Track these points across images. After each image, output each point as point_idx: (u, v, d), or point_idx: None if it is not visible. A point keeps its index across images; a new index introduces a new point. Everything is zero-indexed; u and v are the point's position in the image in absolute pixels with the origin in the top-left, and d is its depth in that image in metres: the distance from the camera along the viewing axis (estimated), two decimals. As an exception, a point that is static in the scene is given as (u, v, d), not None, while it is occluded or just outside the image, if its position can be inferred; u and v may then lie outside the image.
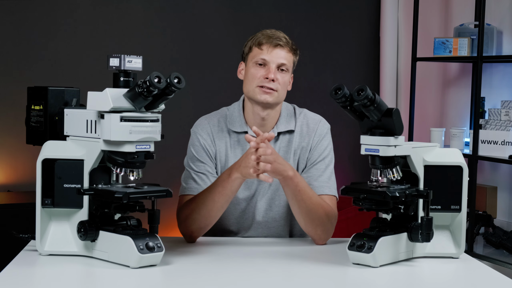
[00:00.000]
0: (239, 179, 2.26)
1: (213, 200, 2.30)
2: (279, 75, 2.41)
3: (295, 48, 2.47)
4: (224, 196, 2.29)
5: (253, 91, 2.42)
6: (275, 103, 2.44)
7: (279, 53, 2.41)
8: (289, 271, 2.07)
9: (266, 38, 2.42)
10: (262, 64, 2.42)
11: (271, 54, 2.41)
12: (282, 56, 2.42)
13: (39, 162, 2.09)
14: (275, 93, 2.41)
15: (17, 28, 4.25)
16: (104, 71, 2.27)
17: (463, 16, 4.39)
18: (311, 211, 2.32)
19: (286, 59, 2.42)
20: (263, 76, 2.40)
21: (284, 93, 2.45)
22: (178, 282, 1.96)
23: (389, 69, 4.86)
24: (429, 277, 2.07)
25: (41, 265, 2.05)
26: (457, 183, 2.20)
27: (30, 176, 4.08)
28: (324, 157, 2.49)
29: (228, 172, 2.27)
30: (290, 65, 2.45)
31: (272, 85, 2.40)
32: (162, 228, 2.20)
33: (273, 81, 2.39)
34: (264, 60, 2.41)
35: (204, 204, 2.32)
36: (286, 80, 2.43)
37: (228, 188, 2.28)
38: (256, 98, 2.42)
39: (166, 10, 4.59)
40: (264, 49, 2.42)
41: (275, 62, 2.41)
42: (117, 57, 2.03)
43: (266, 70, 2.41)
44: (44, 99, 2.26)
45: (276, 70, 2.41)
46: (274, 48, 2.41)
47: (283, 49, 2.42)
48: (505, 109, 3.86)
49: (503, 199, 4.15)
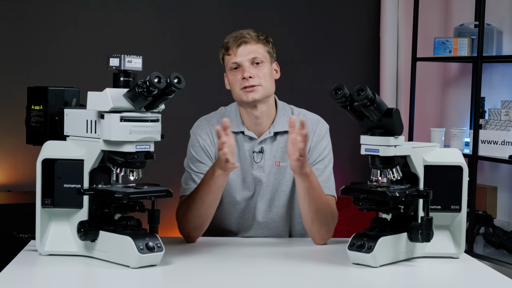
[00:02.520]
0: (222, 175, 2.25)
1: (202, 199, 2.31)
2: (255, 70, 2.41)
3: (264, 37, 2.47)
4: (210, 193, 2.29)
5: (239, 95, 2.43)
6: (264, 97, 2.43)
7: (245, 50, 2.42)
8: (289, 271, 2.07)
9: (231, 41, 2.44)
10: (236, 67, 2.43)
11: (239, 54, 2.42)
12: (250, 51, 2.42)
13: (39, 162, 2.09)
14: (259, 88, 2.41)
15: (17, 28, 4.25)
16: (104, 71, 2.26)
17: (463, 16, 4.39)
18: (320, 210, 2.32)
19: (255, 52, 2.42)
20: (240, 78, 2.41)
21: (270, 84, 2.45)
22: (178, 282, 1.96)
23: (389, 69, 4.86)
24: (429, 277, 2.07)
25: (41, 265, 2.05)
26: (457, 183, 2.20)
27: (30, 176, 4.08)
28: (323, 157, 2.49)
29: (212, 170, 2.27)
30: (264, 55, 2.44)
31: (252, 81, 2.40)
32: (162, 228, 2.19)
33: (251, 77, 2.40)
34: (235, 62, 2.42)
35: (194, 203, 2.33)
36: (266, 72, 2.43)
37: (213, 186, 2.27)
38: (243, 99, 2.42)
39: (166, 10, 4.59)
40: (232, 53, 2.43)
41: (246, 60, 2.41)
42: (117, 57, 2.03)
43: (241, 71, 2.42)
44: (44, 99, 2.26)
45: (250, 66, 2.41)
46: (239, 47, 2.42)
47: (247, 44, 2.42)
48: (505, 109, 3.86)
49: (503, 199, 4.15)
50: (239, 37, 2.43)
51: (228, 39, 2.46)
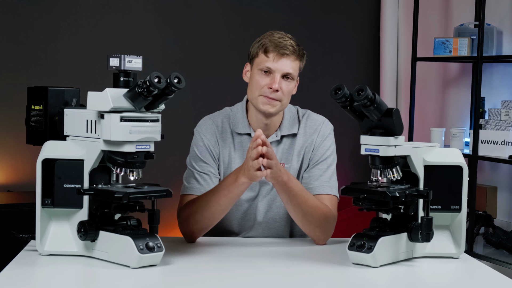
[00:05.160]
0: (246, 183, 2.24)
1: (218, 203, 2.29)
2: (283, 84, 2.37)
3: (302, 53, 2.42)
4: (229, 199, 2.28)
5: (256, 100, 2.40)
6: (278, 112, 2.42)
7: (285, 63, 2.37)
8: (289, 271, 2.07)
9: (273, 46, 2.36)
10: (267, 71, 2.38)
11: (277, 63, 2.36)
12: (288, 65, 2.37)
13: (39, 162, 2.09)
14: (277, 103, 2.38)
15: (17, 28, 4.25)
16: (104, 71, 2.27)
17: (463, 16, 4.39)
18: (307, 214, 2.32)
19: (292, 68, 2.38)
20: (267, 86, 2.36)
21: (288, 101, 2.42)
22: (178, 282, 1.96)
23: (389, 69, 4.86)
24: (429, 277, 2.07)
25: (41, 265, 2.05)
26: (457, 183, 2.20)
27: (30, 176, 4.08)
28: (326, 157, 2.49)
29: (235, 176, 2.25)
30: (296, 72, 2.41)
31: (276, 95, 2.36)
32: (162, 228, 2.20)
33: (277, 91, 2.36)
34: (269, 68, 2.37)
35: (207, 206, 2.31)
36: (290, 88, 2.40)
37: (235, 192, 2.26)
38: (259, 107, 2.39)
39: (166, 10, 4.59)
40: (270, 57, 2.37)
41: (280, 72, 2.37)
42: (117, 57, 2.03)
43: (271, 79, 2.37)
44: (44, 99, 2.25)
45: (281, 79, 2.37)
46: (281, 57, 2.36)
47: (289, 57, 2.37)
48: (505, 109, 3.86)
49: (503, 199, 4.15)
50: (282, 46, 2.36)
51: (269, 43, 2.37)
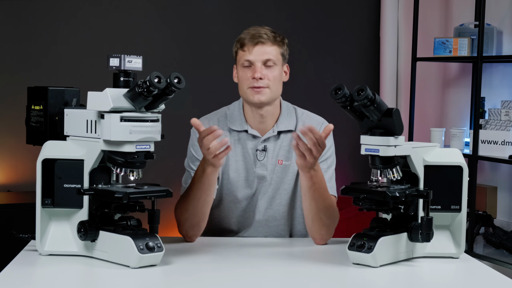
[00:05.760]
0: (214, 171, 2.25)
1: (196, 196, 2.31)
2: (266, 71, 2.41)
3: (280, 39, 2.46)
4: (203, 190, 2.29)
5: (245, 93, 2.44)
6: (271, 100, 2.44)
7: (261, 50, 2.41)
8: (289, 271, 2.07)
9: (247, 39, 2.42)
10: (248, 65, 2.42)
11: (253, 53, 2.41)
12: (265, 52, 2.41)
13: (39, 162, 2.09)
14: (266, 90, 2.41)
15: (17, 28, 4.25)
16: (104, 71, 2.26)
17: (463, 16, 4.39)
18: (321, 210, 2.32)
19: (270, 54, 2.42)
20: (251, 77, 2.41)
21: (278, 87, 2.45)
22: (178, 282, 1.96)
23: (389, 69, 4.86)
24: (429, 277, 2.07)
25: (41, 265, 2.05)
26: (457, 183, 2.20)
27: (30, 176, 4.08)
28: (326, 157, 2.49)
29: (201, 168, 2.26)
30: (278, 57, 2.44)
31: (261, 82, 2.40)
32: (162, 228, 2.19)
33: (261, 78, 2.39)
34: (248, 61, 2.42)
35: (188, 201, 2.33)
36: (276, 74, 2.43)
37: (206, 183, 2.27)
38: (250, 99, 2.42)
39: (166, 10, 4.59)
40: (246, 50, 2.42)
41: (259, 60, 2.41)
42: (117, 57, 2.03)
43: (252, 70, 2.41)
44: (44, 99, 2.25)
45: (262, 67, 2.40)
46: (255, 46, 2.41)
47: (264, 44, 2.41)
48: (505, 109, 3.86)
49: (503, 199, 4.15)
50: (256, 35, 2.42)
51: (245, 35, 2.44)
